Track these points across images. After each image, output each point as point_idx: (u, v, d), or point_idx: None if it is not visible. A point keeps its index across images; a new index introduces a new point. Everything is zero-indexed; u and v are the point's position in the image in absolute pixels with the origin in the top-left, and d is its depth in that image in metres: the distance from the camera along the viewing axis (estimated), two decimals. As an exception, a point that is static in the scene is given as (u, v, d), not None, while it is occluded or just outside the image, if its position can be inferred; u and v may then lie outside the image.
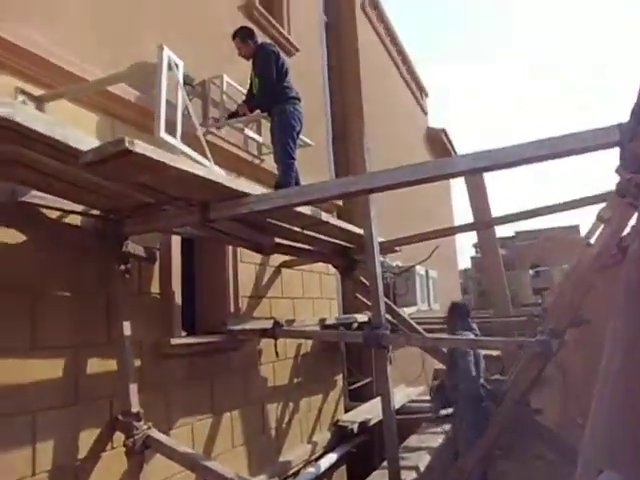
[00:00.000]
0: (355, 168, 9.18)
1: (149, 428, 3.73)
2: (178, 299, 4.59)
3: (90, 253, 3.78)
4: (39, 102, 3.43)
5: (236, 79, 5.34)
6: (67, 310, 3.61)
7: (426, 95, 16.60)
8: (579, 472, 2.58)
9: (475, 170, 3.04)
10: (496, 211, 7.55)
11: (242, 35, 4.93)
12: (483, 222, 7.74)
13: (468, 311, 6.02)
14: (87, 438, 3.62)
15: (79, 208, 3.56)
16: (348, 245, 5.66)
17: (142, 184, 3.04)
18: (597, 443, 2.44)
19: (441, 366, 10.41)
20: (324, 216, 4.39)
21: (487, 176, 8.74)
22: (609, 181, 3.75)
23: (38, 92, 3.48)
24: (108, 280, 3.84)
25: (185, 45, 4.66)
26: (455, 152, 16.94)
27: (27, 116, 2.46)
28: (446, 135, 16.10)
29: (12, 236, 3.31)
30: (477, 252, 57.56)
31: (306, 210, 4.01)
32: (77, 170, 2.78)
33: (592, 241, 6.49)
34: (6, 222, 3.24)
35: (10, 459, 3.10)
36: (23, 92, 3.37)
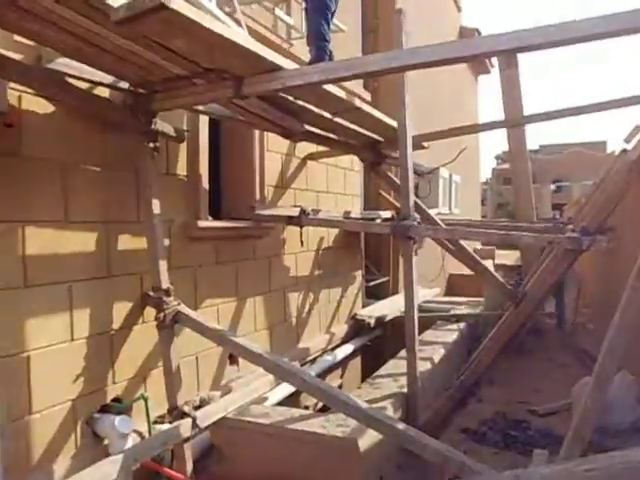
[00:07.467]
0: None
1: (179, 304, 3.81)
2: (205, 183, 4.55)
3: (119, 128, 3.70)
4: None
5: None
6: (97, 185, 3.59)
7: (460, -11, 15.56)
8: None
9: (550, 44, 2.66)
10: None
11: None
12: (514, 119, 7.45)
13: None
14: (120, 310, 3.75)
15: (108, 80, 3.45)
16: (377, 138, 5.52)
17: (174, 52, 2.89)
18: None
19: (458, 271, 10.60)
20: (357, 102, 4.23)
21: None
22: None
23: None
24: (137, 157, 3.78)
25: None
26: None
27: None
28: (479, 35, 15.24)
29: (41, 105, 3.23)
30: (499, 163, 56.68)
31: (340, 94, 3.85)
32: (108, 31, 2.65)
33: (629, 147, 6.31)
34: (34, 88, 3.14)
35: (50, 324, 3.23)
36: None
